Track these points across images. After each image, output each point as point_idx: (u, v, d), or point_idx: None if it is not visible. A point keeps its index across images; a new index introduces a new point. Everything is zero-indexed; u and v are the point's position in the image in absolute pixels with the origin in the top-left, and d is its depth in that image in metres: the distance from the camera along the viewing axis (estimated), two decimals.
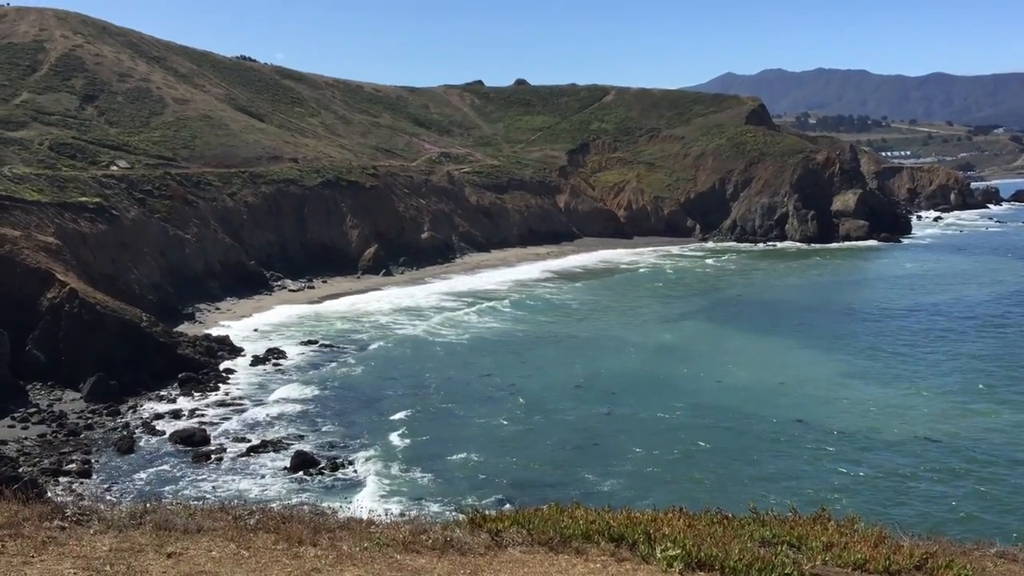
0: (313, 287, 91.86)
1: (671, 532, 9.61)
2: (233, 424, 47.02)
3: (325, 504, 14.78)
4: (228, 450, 42.68)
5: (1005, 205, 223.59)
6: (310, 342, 66.69)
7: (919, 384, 53.59)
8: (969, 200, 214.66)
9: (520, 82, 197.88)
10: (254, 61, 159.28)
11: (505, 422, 46.87)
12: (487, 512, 10.03)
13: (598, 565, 8.95)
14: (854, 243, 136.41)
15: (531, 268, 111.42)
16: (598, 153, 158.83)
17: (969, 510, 34.14)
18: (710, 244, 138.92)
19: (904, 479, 37.56)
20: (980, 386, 52.61)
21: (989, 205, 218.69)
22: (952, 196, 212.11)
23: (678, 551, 8.96)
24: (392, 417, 47.66)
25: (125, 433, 44.85)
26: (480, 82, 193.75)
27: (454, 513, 10.38)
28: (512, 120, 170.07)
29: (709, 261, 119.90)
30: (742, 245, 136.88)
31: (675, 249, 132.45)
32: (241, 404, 51.03)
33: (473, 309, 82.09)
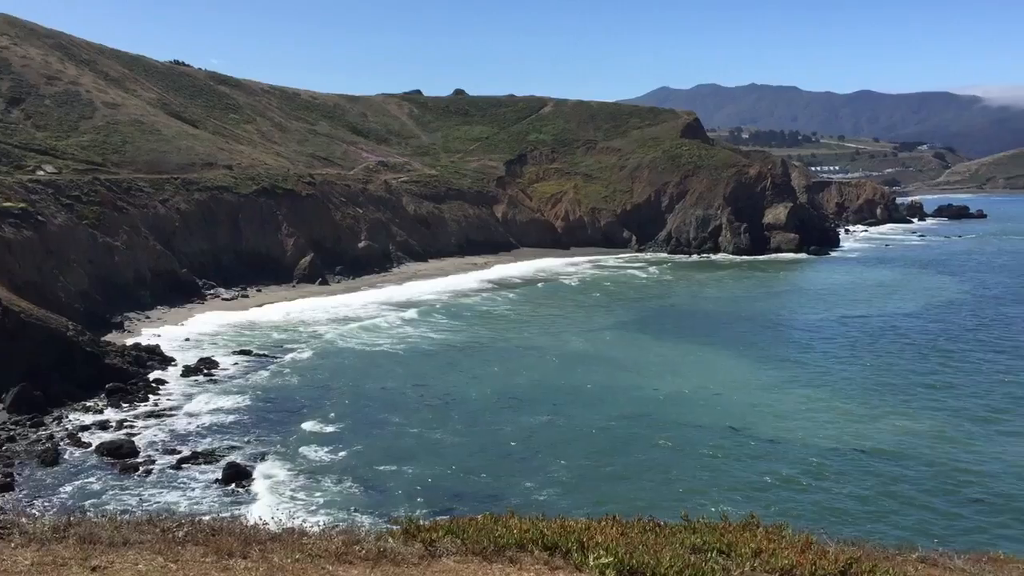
0: (247, 296, 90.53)
1: (604, 540, 9.71)
2: (163, 435, 46.03)
3: (256, 516, 14.58)
4: (157, 462, 41.76)
5: (929, 220, 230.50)
6: (244, 352, 65.67)
7: (845, 392, 54.80)
8: (894, 215, 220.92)
9: (458, 92, 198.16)
10: (188, 66, 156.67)
11: (441, 432, 46.71)
12: (421, 522, 10.00)
13: (531, 574, 9.00)
14: (785, 255, 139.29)
15: (468, 278, 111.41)
16: (536, 164, 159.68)
17: (891, 515, 34.97)
18: (646, 255, 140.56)
19: (831, 485, 38.32)
20: (901, 396, 53.97)
21: (913, 220, 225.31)
22: (878, 211, 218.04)
23: (610, 559, 9.06)
24: (326, 428, 47.17)
25: (49, 445, 43.51)
26: (419, 91, 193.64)
27: (388, 524, 10.32)
28: (450, 130, 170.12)
29: (644, 272, 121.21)
30: (677, 256, 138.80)
31: (611, 260, 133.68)
32: (171, 415, 49.98)
33: (409, 319, 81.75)
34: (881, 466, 40.74)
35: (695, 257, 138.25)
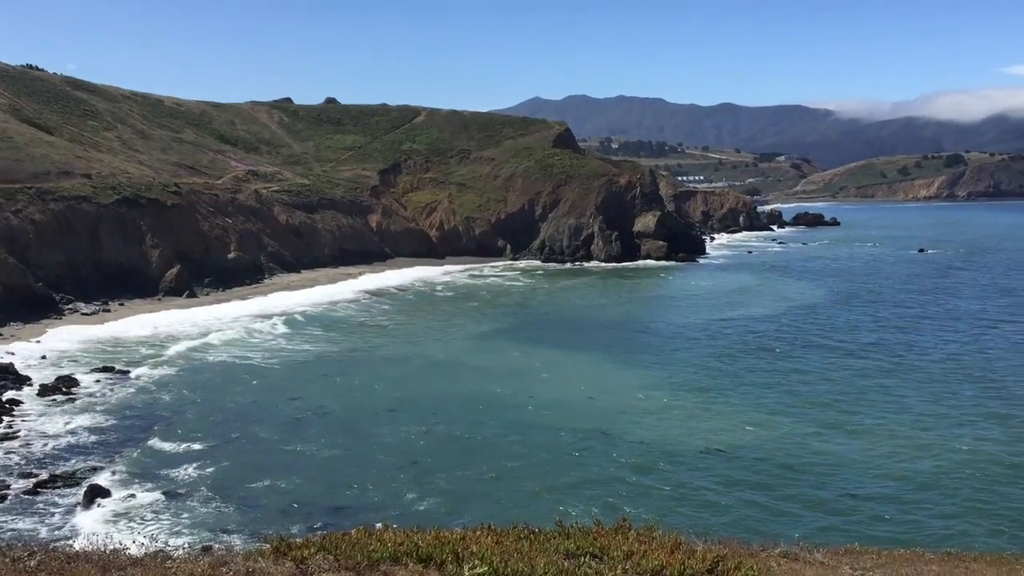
0: (109, 310, 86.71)
1: (479, 550, 9.73)
2: (17, 459, 43.50)
3: (118, 540, 13.96)
4: (12, 487, 39.43)
5: (787, 228, 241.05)
6: (106, 368, 62.84)
7: (710, 394, 56.59)
8: (756, 223, 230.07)
9: (330, 100, 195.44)
10: (42, 71, 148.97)
11: (316, 446, 45.85)
12: (292, 540, 9.78)
13: None
14: (654, 262, 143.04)
15: (343, 288, 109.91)
16: (410, 173, 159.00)
17: (756, 512, 36.33)
18: (520, 264, 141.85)
19: (700, 485, 39.50)
20: (762, 397, 56.09)
21: (773, 227, 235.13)
22: (741, 219, 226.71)
23: (485, 568, 9.09)
24: (194, 446, 45.59)
25: None
26: (289, 99, 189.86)
27: (258, 543, 10.05)
28: (322, 139, 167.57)
29: (519, 280, 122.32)
30: (550, 265, 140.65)
31: (487, 269, 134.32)
32: (27, 437, 47.31)
33: (282, 331, 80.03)
34: (746, 466, 42.24)
35: (568, 265, 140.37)
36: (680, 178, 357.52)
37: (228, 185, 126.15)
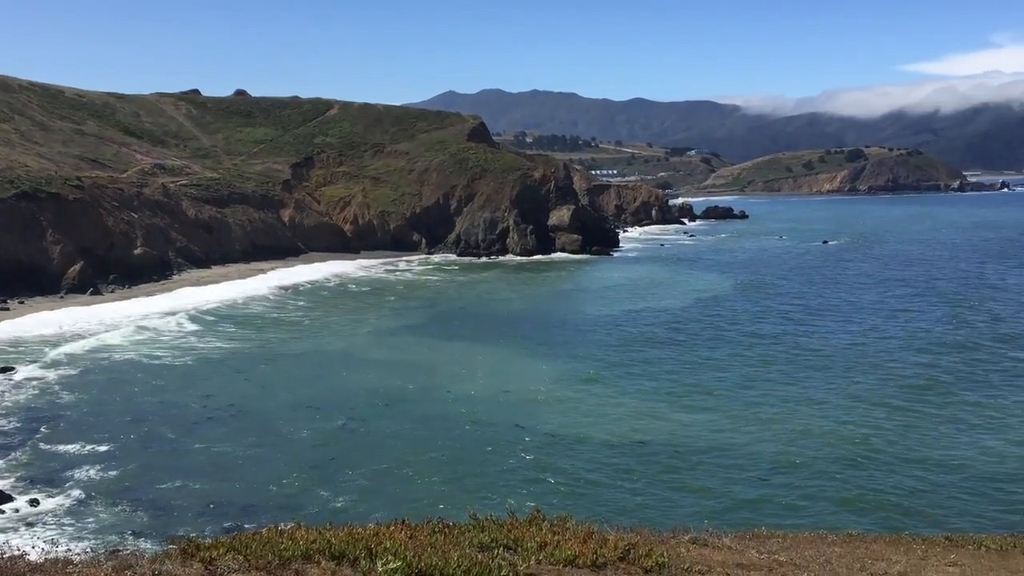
0: (7, 308, 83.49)
1: (392, 545, 9.72)
2: None
3: (16, 546, 13.49)
4: None
5: (698, 221, 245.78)
6: (5, 369, 60.49)
7: (623, 385, 57.45)
8: (668, 216, 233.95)
9: (240, 92, 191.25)
10: None
11: (229, 445, 44.99)
12: (201, 540, 9.61)
13: None
14: (569, 256, 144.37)
15: (255, 284, 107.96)
16: (323, 167, 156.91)
17: (667, 500, 37.08)
18: (436, 258, 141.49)
19: (613, 475, 40.10)
20: (673, 389, 57.05)
21: (685, 221, 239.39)
22: (653, 212, 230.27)
23: (399, 563, 9.09)
24: (100, 447, 44.27)
25: None
26: (196, 91, 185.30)
27: (167, 545, 9.85)
28: (232, 131, 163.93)
29: (435, 275, 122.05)
30: (466, 258, 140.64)
31: (402, 263, 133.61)
32: None
33: (192, 328, 78.25)
34: (658, 455, 43.04)
35: (484, 259, 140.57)
36: (594, 172, 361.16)
37: (134, 179, 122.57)
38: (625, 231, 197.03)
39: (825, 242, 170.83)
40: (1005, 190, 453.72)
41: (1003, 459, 41.78)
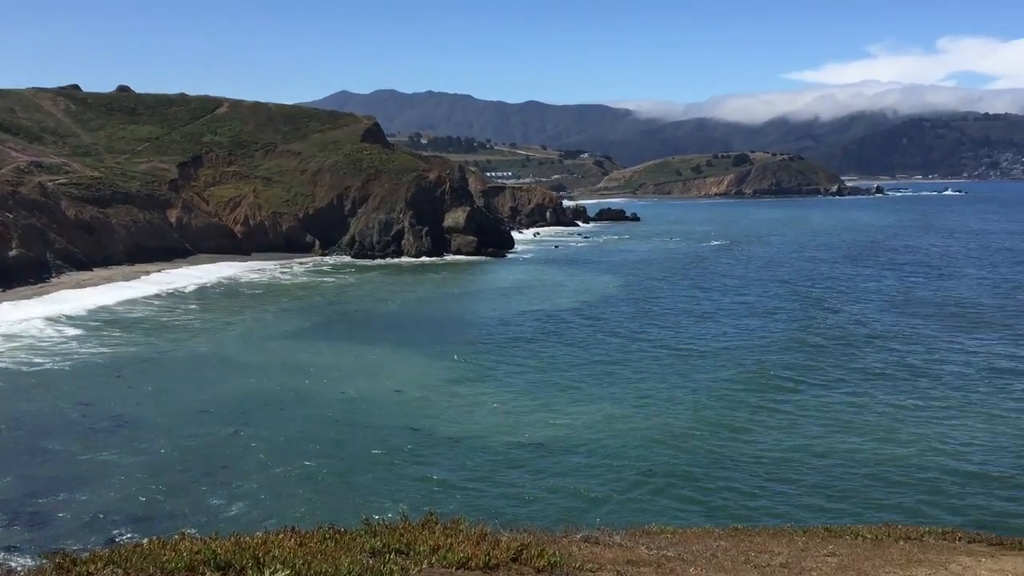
0: None
1: (281, 553, 9.55)
2: None
3: None
4: None
5: (592, 223, 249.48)
6: None
7: (518, 385, 57.76)
8: (562, 218, 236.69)
9: (123, 88, 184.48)
10: None
11: (115, 454, 43.35)
12: (78, 555, 9.23)
13: None
14: (465, 257, 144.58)
15: (141, 286, 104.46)
16: (212, 167, 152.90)
17: (561, 499, 37.50)
18: (330, 260, 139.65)
19: (509, 476, 40.32)
20: (569, 386, 57.75)
21: (578, 223, 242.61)
22: (548, 214, 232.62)
23: (287, 572, 8.93)
24: None
25: None
26: (76, 86, 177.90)
27: (41, 560, 9.44)
28: (115, 129, 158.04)
29: (329, 277, 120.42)
30: (361, 260, 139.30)
31: (295, 265, 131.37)
32: None
33: (74, 333, 75.13)
34: (551, 455, 43.38)
35: (379, 261, 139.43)
36: (489, 174, 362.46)
37: (8, 177, 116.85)
38: (520, 233, 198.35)
39: (712, 243, 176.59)
40: (879, 195, 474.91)
41: (865, 453, 43.60)
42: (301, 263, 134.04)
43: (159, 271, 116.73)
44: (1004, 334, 74.67)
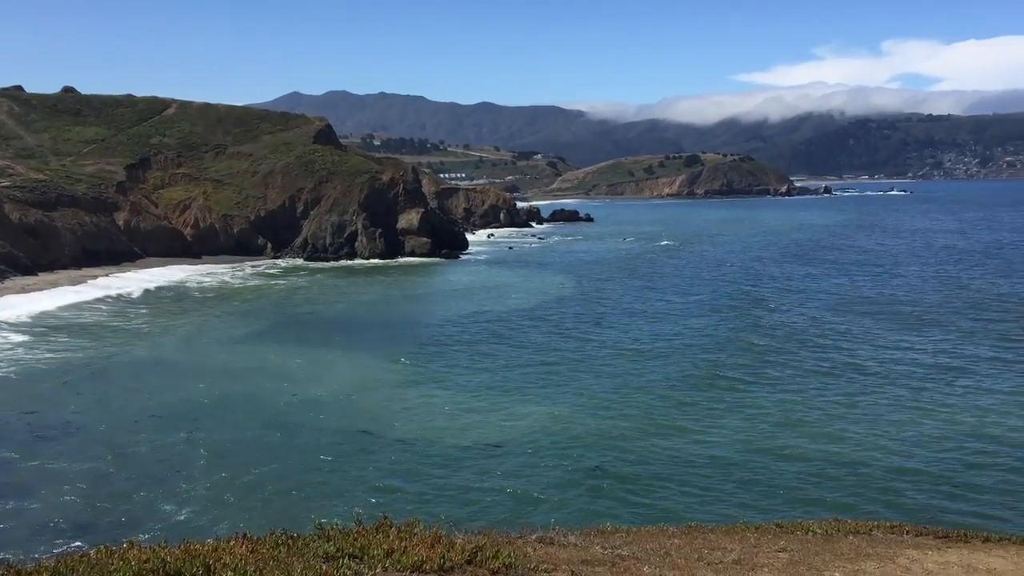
0: None
1: (232, 561, 9.44)
2: None
3: None
4: None
5: (545, 224, 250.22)
6: None
7: (470, 389, 57.57)
8: (516, 219, 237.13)
9: (68, 89, 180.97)
10: None
11: (64, 461, 42.43)
12: (22, 566, 9.03)
13: None
14: (419, 259, 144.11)
15: (88, 291, 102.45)
16: (161, 169, 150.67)
17: (517, 500, 37.54)
18: (282, 262, 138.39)
19: (464, 478, 40.26)
20: (521, 390, 57.66)
21: (533, 224, 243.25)
22: (502, 215, 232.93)
23: None
24: None
25: None
26: (19, 87, 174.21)
27: None
28: (60, 131, 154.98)
29: (281, 279, 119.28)
30: (314, 263, 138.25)
31: (247, 268, 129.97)
32: None
33: (18, 339, 73.46)
34: (505, 456, 43.38)
35: (332, 263, 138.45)
36: (442, 175, 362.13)
37: None
38: (474, 234, 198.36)
39: (663, 243, 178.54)
40: (827, 194, 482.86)
41: (812, 451, 44.28)
42: (253, 266, 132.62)
43: (107, 275, 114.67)
44: (948, 331, 76.23)
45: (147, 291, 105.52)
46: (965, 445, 44.34)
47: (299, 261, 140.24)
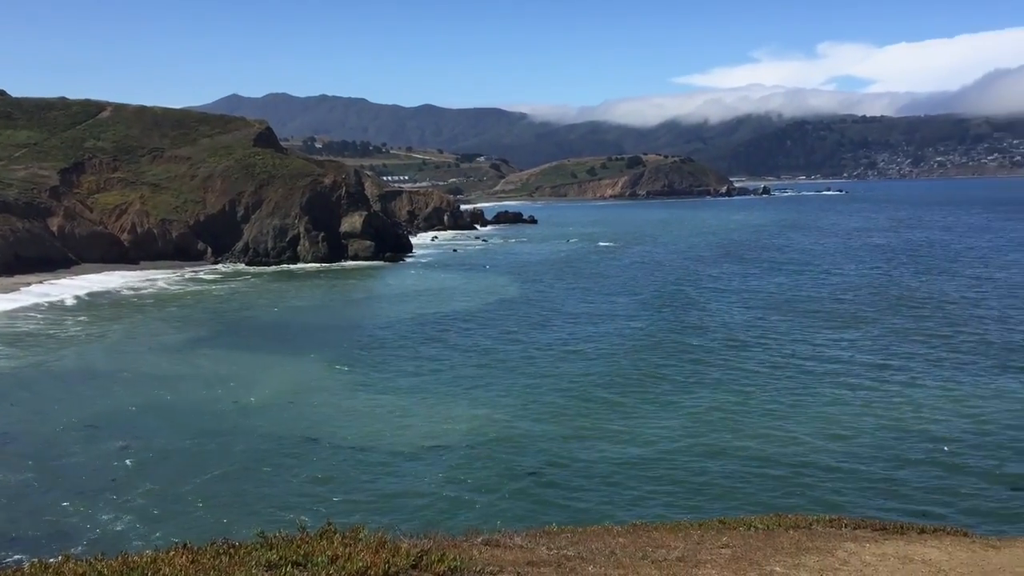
0: None
1: (172, 572, 9.28)
2: None
3: None
4: None
5: (490, 226, 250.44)
6: None
7: (415, 392, 57.33)
8: (460, 221, 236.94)
9: None
10: None
11: None
12: None
13: None
14: (363, 263, 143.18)
15: (21, 298, 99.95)
16: (96, 173, 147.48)
17: (466, 502, 37.49)
18: (223, 267, 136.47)
19: (411, 483, 40.03)
20: (469, 392, 57.70)
21: (477, 226, 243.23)
22: (445, 218, 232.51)
23: None
24: None
25: None
26: None
27: None
28: None
29: (222, 284, 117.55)
30: (255, 268, 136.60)
31: (187, 273, 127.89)
32: None
33: None
34: (452, 459, 43.25)
35: (274, 267, 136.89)
36: (385, 178, 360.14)
37: None
38: (418, 237, 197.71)
39: (605, 243, 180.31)
40: (766, 195, 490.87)
41: (745, 449, 44.95)
42: (193, 271, 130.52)
43: (40, 282, 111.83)
44: (881, 329, 77.66)
45: (83, 298, 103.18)
46: (900, 441, 45.30)
47: (240, 266, 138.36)
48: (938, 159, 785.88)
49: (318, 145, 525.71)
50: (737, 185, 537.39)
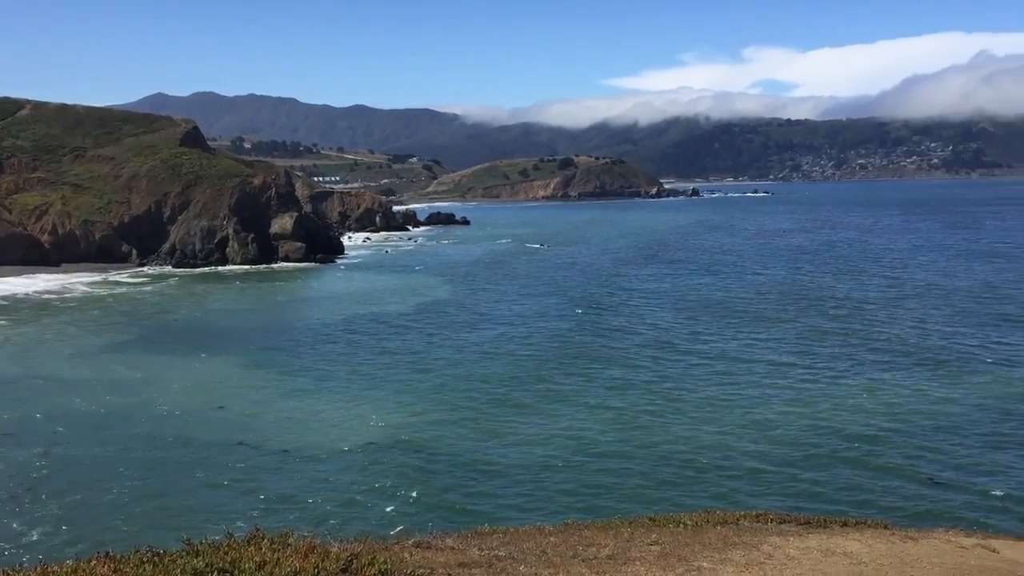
0: None
1: None
2: None
3: None
4: None
5: (422, 227, 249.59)
6: None
7: (347, 395, 56.83)
8: (392, 222, 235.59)
9: None
10: None
11: None
12: None
13: None
14: (293, 264, 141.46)
15: None
16: (14, 173, 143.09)
17: (403, 505, 37.32)
18: (149, 269, 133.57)
19: (338, 487, 39.63)
20: (400, 394, 57.37)
21: (409, 227, 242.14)
22: (378, 219, 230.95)
23: None
24: None
25: None
26: None
27: None
28: None
29: (147, 287, 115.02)
30: (182, 269, 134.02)
31: (111, 276, 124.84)
32: None
33: None
34: (386, 462, 42.88)
35: (202, 269, 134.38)
36: (316, 179, 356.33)
37: None
38: (350, 238, 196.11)
39: (529, 245, 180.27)
40: (695, 196, 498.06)
41: (673, 446, 45.61)
42: (117, 273, 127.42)
43: None
44: (802, 329, 78.91)
45: (2, 301, 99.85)
46: (823, 438, 46.30)
47: (167, 268, 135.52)
48: (860, 161, 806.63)
49: (247, 145, 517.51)
50: (667, 186, 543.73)
